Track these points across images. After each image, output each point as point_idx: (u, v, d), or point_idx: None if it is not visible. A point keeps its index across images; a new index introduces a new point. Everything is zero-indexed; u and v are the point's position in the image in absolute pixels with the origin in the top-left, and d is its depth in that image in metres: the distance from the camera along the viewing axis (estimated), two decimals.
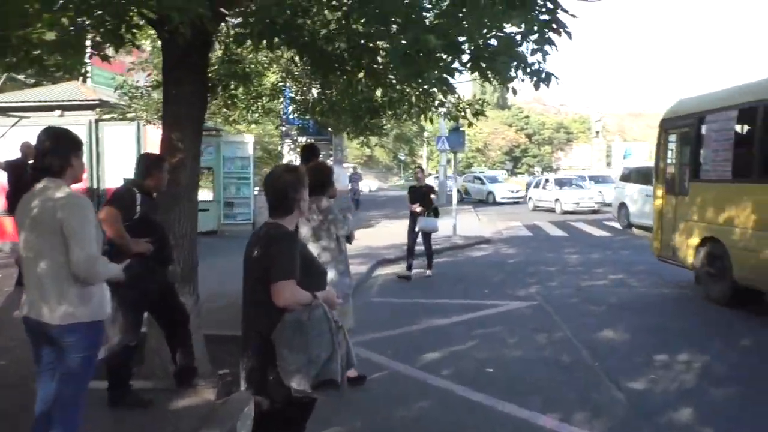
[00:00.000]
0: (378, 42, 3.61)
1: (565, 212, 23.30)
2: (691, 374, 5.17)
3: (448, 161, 26.56)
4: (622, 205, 18.18)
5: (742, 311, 7.41)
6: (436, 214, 10.17)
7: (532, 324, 6.96)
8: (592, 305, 7.89)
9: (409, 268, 10.04)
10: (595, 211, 23.57)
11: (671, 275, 9.85)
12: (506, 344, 6.16)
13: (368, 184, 46.31)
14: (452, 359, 5.65)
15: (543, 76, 3.76)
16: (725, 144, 7.74)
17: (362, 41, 4.11)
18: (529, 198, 27.64)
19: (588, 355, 5.70)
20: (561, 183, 26.15)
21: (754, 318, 7.15)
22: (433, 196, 10.18)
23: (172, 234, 4.54)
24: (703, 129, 8.34)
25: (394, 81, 5.20)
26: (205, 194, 14.36)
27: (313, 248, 4.80)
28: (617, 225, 18.64)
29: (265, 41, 3.71)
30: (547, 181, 27.11)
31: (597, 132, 75.75)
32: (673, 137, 9.38)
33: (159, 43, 4.96)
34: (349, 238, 5.05)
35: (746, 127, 7.80)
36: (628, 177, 18.52)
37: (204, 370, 4.56)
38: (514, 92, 4.97)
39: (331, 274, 4.70)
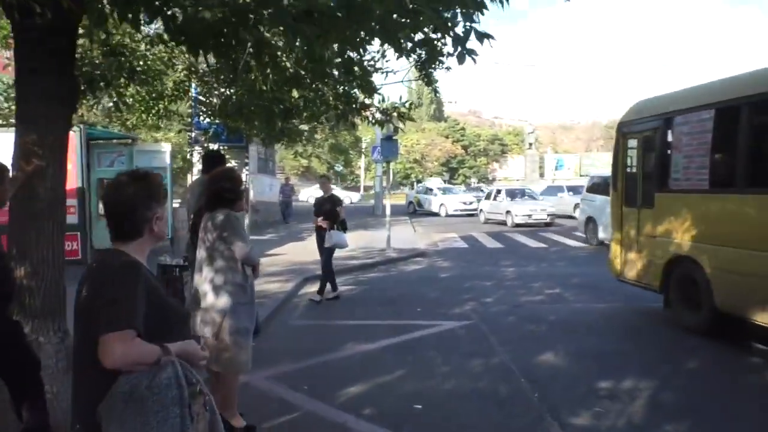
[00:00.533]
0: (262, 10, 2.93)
1: (517, 225, 21.96)
2: (639, 405, 4.68)
3: (384, 172, 26.07)
4: (590, 220, 16.26)
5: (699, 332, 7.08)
6: (344, 228, 9.13)
7: (467, 347, 6.38)
8: (530, 324, 7.39)
9: (334, 287, 9.17)
10: (548, 224, 22.33)
11: (608, 289, 9.54)
12: (438, 374, 5.54)
13: (349, 195, 45.27)
14: (377, 394, 4.97)
15: (466, 44, 3.16)
16: (700, 149, 6.65)
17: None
18: (480, 210, 26.16)
19: (527, 386, 5.14)
20: (512, 194, 24.83)
21: (701, 336, 6.82)
22: (340, 207, 9.00)
23: (29, 260, 3.70)
24: (672, 132, 7.23)
25: (306, 77, 4.52)
26: None
27: (207, 273, 4.04)
28: (555, 237, 18.54)
29: (129, 15, 2.95)
30: (498, 191, 25.60)
31: (530, 144, 77.40)
32: (633, 142, 8.31)
33: None
34: (254, 270, 4.23)
35: (727, 129, 6.49)
36: (597, 188, 16.32)
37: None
38: (436, 92, 4.40)
39: (223, 302, 3.95)
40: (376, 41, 3.51)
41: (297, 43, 3.30)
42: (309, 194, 45.44)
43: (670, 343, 6.63)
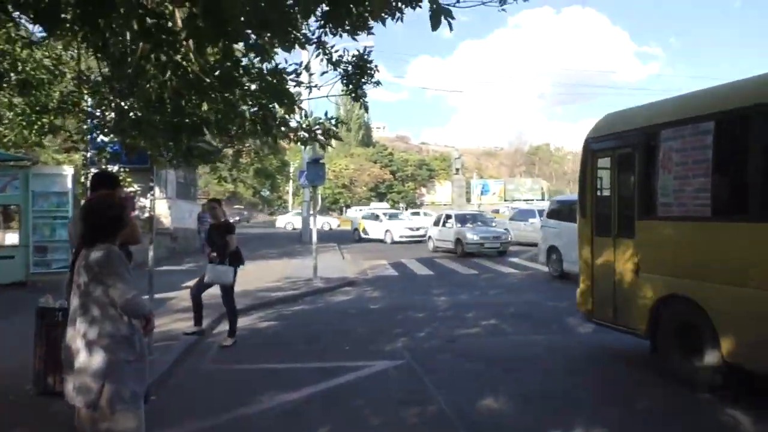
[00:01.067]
0: None
1: (467, 254, 20.16)
2: None
3: (312, 197, 25.17)
4: (553, 249, 14.43)
5: (641, 362, 6.71)
6: (238, 261, 7.84)
7: (401, 393, 5.71)
8: (467, 362, 6.81)
9: (198, 321, 8.03)
10: (501, 252, 20.72)
11: (545, 319, 9.18)
12: (369, 428, 4.84)
13: (328, 221, 43.69)
14: None
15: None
16: (698, 168, 5.53)
17: None
18: (429, 237, 24.16)
19: None
20: (463, 220, 22.58)
21: (653, 372, 6.44)
22: (230, 236, 7.65)
23: None
24: (659, 148, 6.04)
25: (213, 84, 3.80)
26: (9, 237, 11.83)
27: (80, 325, 3.19)
28: (486, 263, 18.30)
29: None
30: (448, 217, 23.15)
31: (457, 169, 78.41)
32: (605, 161, 7.10)
33: None
34: (145, 324, 3.37)
35: (733, 143, 5.50)
36: (559, 213, 14.68)
37: None
38: (366, 109, 3.83)
39: (99, 361, 3.11)
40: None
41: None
42: (286, 221, 43.78)
43: (617, 380, 6.20)
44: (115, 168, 8.43)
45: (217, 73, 3.91)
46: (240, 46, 4.59)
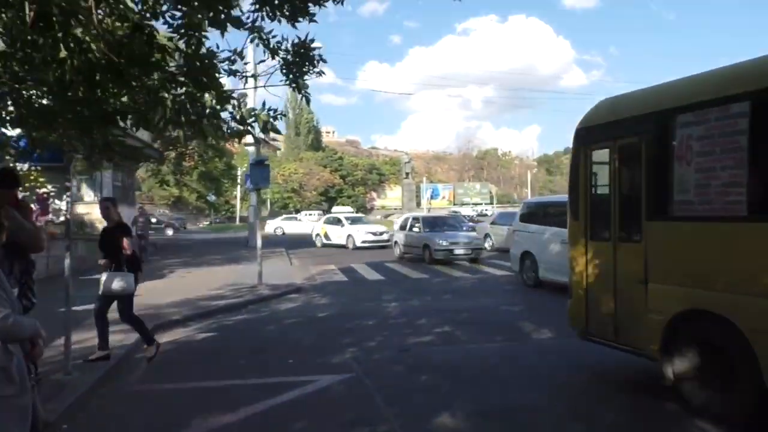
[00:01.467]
0: None
1: (436, 261, 18.30)
2: None
3: (263, 201, 24.27)
4: (527, 255, 12.94)
5: (602, 371, 6.39)
6: (134, 268, 7.02)
7: (349, 411, 5.20)
8: (421, 374, 6.36)
9: (103, 345, 6.78)
10: (473, 260, 18.71)
11: (499, 325, 8.82)
12: None
13: (281, 225, 41.46)
14: None
15: None
16: (728, 158, 4.59)
17: None
18: (395, 242, 22.06)
19: None
20: (432, 224, 20.71)
21: (624, 384, 6.13)
22: (126, 240, 6.82)
23: None
24: (676, 136, 5.11)
25: (127, 69, 3.21)
26: None
27: None
28: (437, 267, 17.96)
29: None
30: (415, 220, 21.32)
31: (407, 173, 78.42)
32: (601, 154, 6.14)
33: None
34: (31, 349, 2.75)
35: None
36: (533, 216, 13.43)
37: None
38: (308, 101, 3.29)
39: None
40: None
41: None
42: (276, 225, 41.95)
43: (580, 391, 5.85)
44: (26, 166, 7.56)
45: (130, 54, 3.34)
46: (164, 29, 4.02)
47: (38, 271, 4.80)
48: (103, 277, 6.84)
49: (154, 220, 35.50)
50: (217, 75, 4.26)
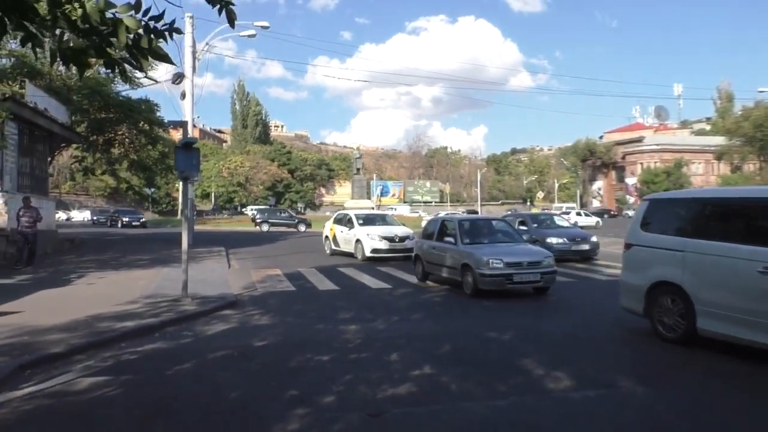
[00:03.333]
0: None
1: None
2: None
3: (208, 194, 21.35)
4: (664, 288, 7.76)
5: None
6: None
7: None
8: None
9: None
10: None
11: (490, 361, 6.64)
12: None
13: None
14: None
15: None
16: None
17: None
18: (415, 256, 14.78)
19: None
20: (474, 232, 13.26)
21: None
22: None
23: None
24: None
25: None
26: None
27: None
28: (395, 272, 15.74)
29: None
30: (448, 225, 13.69)
31: (358, 169, 76.33)
32: None
33: None
34: None
35: None
36: (686, 222, 7.85)
37: None
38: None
39: None
40: None
41: None
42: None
43: None
44: None
45: None
46: None
47: None
48: None
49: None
50: None
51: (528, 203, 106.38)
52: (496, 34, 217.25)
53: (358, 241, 19.85)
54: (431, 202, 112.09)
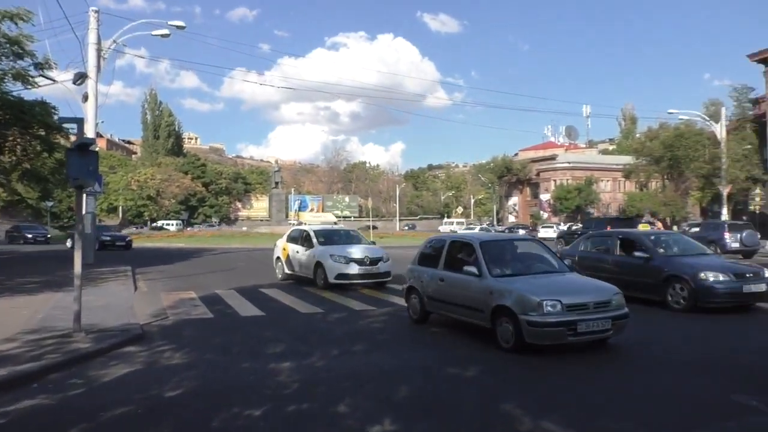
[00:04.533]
0: None
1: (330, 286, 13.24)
2: None
3: (115, 208, 18.94)
4: None
5: None
6: None
7: None
8: None
9: None
10: (376, 285, 15.03)
11: (460, 409, 5.45)
12: None
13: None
14: None
15: None
16: None
17: None
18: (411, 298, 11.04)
19: None
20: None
21: None
22: None
23: None
24: None
25: None
26: None
27: None
28: (322, 292, 14.32)
29: None
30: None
31: (276, 183, 74.64)
32: None
33: None
34: None
35: None
36: None
37: None
38: None
39: None
40: None
41: None
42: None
43: None
44: None
45: None
46: None
47: None
48: None
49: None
50: None
51: (444, 217, 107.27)
52: (414, 53, 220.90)
53: (318, 264, 15.53)
54: (350, 217, 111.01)
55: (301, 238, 17.37)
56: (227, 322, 10.72)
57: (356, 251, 15.79)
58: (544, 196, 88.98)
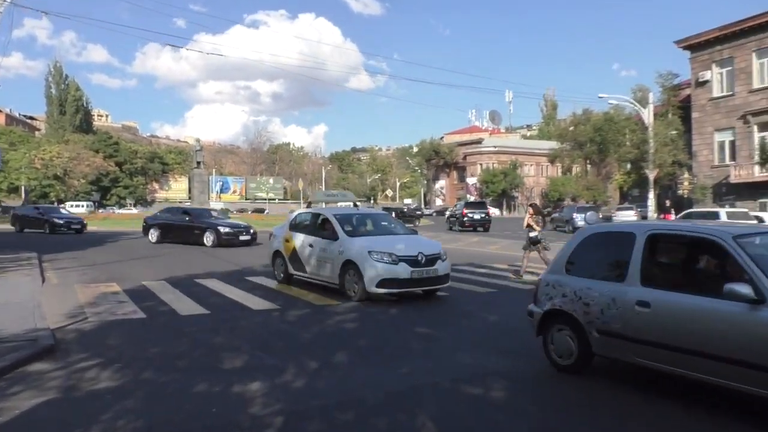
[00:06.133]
0: None
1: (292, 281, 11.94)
2: None
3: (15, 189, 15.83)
4: None
5: None
6: None
7: None
8: None
9: None
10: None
11: None
12: None
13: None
14: None
15: None
16: None
17: None
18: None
19: None
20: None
21: None
22: None
23: None
24: None
25: None
26: None
27: None
28: (265, 281, 12.49)
29: None
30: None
31: (198, 162, 70.08)
32: None
33: None
34: None
35: None
36: None
37: None
38: None
39: None
40: None
41: None
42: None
43: None
44: None
45: None
46: None
47: None
48: None
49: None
50: None
51: (371, 201, 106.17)
52: (337, 34, 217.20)
53: (350, 265, 10.79)
54: (275, 199, 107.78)
55: (314, 225, 12.37)
56: (165, 325, 8.76)
57: (404, 246, 10.93)
58: (471, 180, 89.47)
